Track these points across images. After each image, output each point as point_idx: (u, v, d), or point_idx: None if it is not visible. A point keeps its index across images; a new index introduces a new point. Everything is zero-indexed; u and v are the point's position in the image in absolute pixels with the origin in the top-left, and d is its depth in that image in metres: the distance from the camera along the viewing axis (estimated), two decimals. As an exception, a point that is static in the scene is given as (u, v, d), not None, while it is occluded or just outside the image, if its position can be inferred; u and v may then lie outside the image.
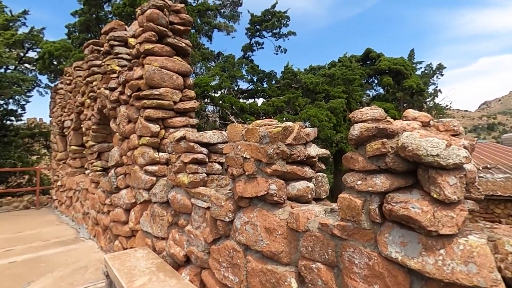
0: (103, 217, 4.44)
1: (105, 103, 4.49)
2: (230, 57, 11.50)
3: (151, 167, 3.33)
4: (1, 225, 6.06)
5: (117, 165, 4.13)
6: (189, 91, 3.71)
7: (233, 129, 2.18)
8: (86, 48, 5.36)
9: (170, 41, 3.59)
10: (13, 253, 4.34)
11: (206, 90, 8.31)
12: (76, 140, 6.42)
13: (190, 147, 2.62)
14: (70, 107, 6.52)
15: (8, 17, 12.30)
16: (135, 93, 3.56)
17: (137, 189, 3.53)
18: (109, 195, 4.30)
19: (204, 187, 2.60)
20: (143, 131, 3.40)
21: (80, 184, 5.76)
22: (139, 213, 3.51)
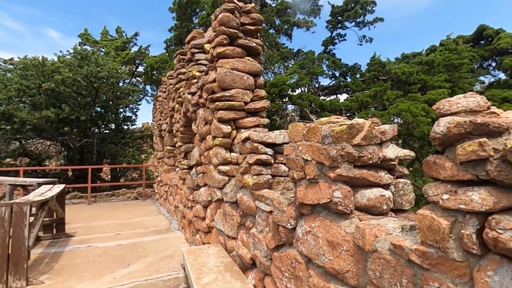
0: (188, 212, 4.85)
1: (188, 107, 4.89)
2: (310, 53, 11.14)
3: (223, 167, 3.42)
4: (116, 212, 7.33)
5: (197, 164, 4.43)
6: (260, 90, 3.67)
7: (294, 128, 2.00)
8: (175, 58, 5.97)
9: (241, 42, 3.63)
10: (121, 237, 5.16)
11: (283, 89, 8.25)
12: (170, 141, 7.25)
13: (254, 147, 2.56)
14: (165, 112, 7.41)
15: (124, 39, 15.00)
16: (210, 95, 3.73)
17: (212, 188, 3.69)
18: (192, 192, 4.66)
19: (268, 190, 2.49)
20: (216, 132, 3.53)
21: (173, 180, 6.48)
22: (214, 210, 3.67)
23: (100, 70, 9.38)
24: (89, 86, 9.62)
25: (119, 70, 10.40)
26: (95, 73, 9.22)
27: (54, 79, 8.84)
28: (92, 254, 4.27)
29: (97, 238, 5.03)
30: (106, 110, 11.11)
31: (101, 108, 11.11)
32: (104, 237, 5.10)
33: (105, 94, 10.74)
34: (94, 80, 9.41)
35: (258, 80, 3.73)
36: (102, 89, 10.13)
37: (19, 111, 9.19)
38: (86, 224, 6.01)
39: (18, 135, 9.92)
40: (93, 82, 9.48)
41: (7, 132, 9.40)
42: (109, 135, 12.42)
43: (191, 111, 4.71)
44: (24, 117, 9.02)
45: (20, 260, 3.26)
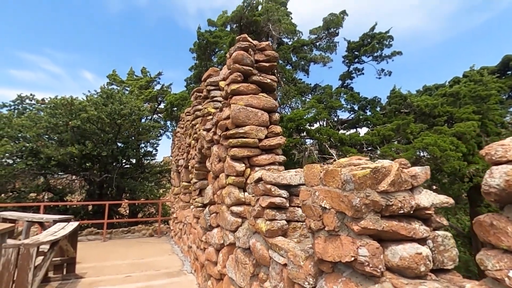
0: (201, 254, 4.56)
1: (203, 143, 4.83)
2: (327, 87, 11.14)
3: (236, 208, 3.21)
4: (130, 250, 7.11)
5: (210, 203, 4.23)
6: (275, 127, 3.54)
7: (310, 170, 1.79)
8: (192, 95, 6.08)
9: (255, 79, 3.59)
10: (131, 280, 4.89)
11: (301, 123, 8.12)
12: (186, 177, 7.16)
13: (267, 189, 2.35)
14: (183, 148, 7.43)
15: (148, 79, 15.88)
16: (223, 132, 3.64)
17: (224, 230, 3.45)
18: (205, 232, 4.41)
19: (282, 238, 2.23)
20: (229, 170, 3.37)
21: (187, 218, 6.26)
22: (226, 256, 3.39)
23: (123, 108, 9.79)
24: (112, 123, 10.00)
25: (141, 108, 10.83)
26: (118, 111, 9.62)
27: (80, 117, 9.29)
28: (98, 300, 4.02)
29: (106, 281, 4.80)
30: (127, 145, 11.41)
31: (122, 144, 11.44)
32: (113, 280, 4.85)
33: (127, 130, 11.11)
34: (117, 117, 9.80)
35: (273, 116, 3.62)
36: (124, 125, 10.49)
37: (46, 148, 9.60)
38: (97, 264, 5.81)
39: (43, 170, 10.27)
40: (116, 119, 9.86)
41: (33, 168, 9.76)
42: (129, 170, 12.62)
43: (205, 148, 4.63)
44: (50, 153, 9.38)
45: (21, 307, 3.07)
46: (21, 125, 9.52)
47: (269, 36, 10.80)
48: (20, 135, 9.92)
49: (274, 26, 10.19)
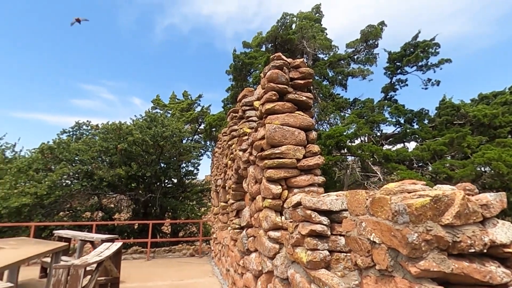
0: (238, 279, 4.40)
1: (239, 164, 4.78)
2: (368, 101, 10.62)
3: (273, 233, 3.03)
4: (171, 271, 7.17)
5: (248, 226, 4.10)
6: (312, 146, 3.36)
7: (353, 197, 1.59)
8: (228, 116, 6.14)
9: (291, 97, 3.48)
10: (170, 303, 4.86)
11: (340, 140, 7.75)
12: (224, 197, 7.14)
13: (307, 215, 2.16)
14: (220, 168, 7.48)
15: (189, 101, 16.68)
16: (259, 153, 3.54)
17: (262, 256, 3.27)
18: (243, 256, 4.26)
19: (325, 271, 2.00)
20: (265, 193, 3.24)
21: (225, 239, 6.17)
22: (265, 284, 3.18)
23: (165, 130, 10.30)
24: (155, 145, 10.54)
25: (181, 129, 11.32)
26: (161, 133, 10.14)
27: (127, 140, 9.94)
28: (139, 323, 4.01)
29: (147, 303, 4.82)
30: (169, 166, 11.89)
31: (164, 164, 11.95)
32: (154, 302, 4.86)
33: (168, 152, 11.62)
34: (160, 139, 10.31)
35: (310, 135, 3.45)
36: (166, 147, 10.99)
37: (99, 170, 10.37)
38: (140, 285, 5.92)
39: (97, 190, 11.05)
40: (159, 141, 10.38)
41: (87, 188, 10.56)
42: (171, 189, 13.07)
43: (242, 168, 4.57)
44: (102, 174, 10.11)
45: (67, 328, 3.16)
46: (77, 149, 10.45)
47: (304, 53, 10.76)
48: (77, 158, 10.88)
49: (308, 43, 10.15)
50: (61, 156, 10.38)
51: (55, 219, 10.08)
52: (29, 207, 9.39)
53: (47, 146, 10.17)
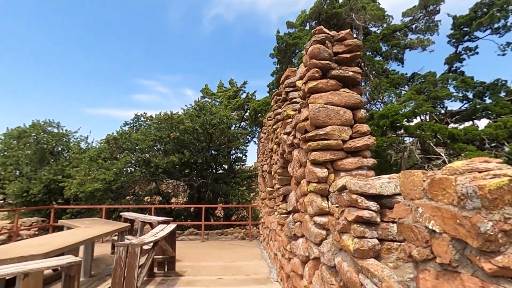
0: (286, 263, 4.36)
1: (284, 148, 4.65)
2: (429, 75, 9.41)
3: (319, 218, 2.88)
4: (223, 252, 7.49)
5: (294, 211, 4.00)
6: (360, 125, 3.07)
7: (407, 178, 1.36)
8: (272, 99, 6.00)
9: (335, 73, 3.20)
10: (222, 282, 5.06)
11: (396, 119, 7.04)
12: (270, 182, 7.12)
13: (353, 200, 1.96)
14: (266, 153, 7.44)
15: (236, 89, 16.87)
16: (302, 135, 3.37)
17: (309, 241, 3.15)
18: (290, 241, 4.19)
19: (375, 261, 1.80)
20: (310, 176, 3.07)
21: (272, 224, 6.18)
22: (312, 270, 3.07)
23: (213, 118, 10.60)
24: (205, 133, 10.94)
25: (229, 116, 11.54)
26: (209, 121, 10.46)
27: (179, 129, 10.47)
28: (193, 300, 4.25)
29: (201, 281, 5.09)
30: (219, 152, 12.28)
31: (215, 151, 12.38)
32: (207, 281, 5.11)
33: (218, 139, 11.98)
34: (209, 127, 10.66)
35: (358, 114, 3.14)
36: (215, 134, 11.33)
37: (155, 158, 11.18)
38: (195, 264, 6.28)
39: (154, 177, 11.96)
40: (208, 129, 10.73)
41: (146, 175, 11.48)
42: (222, 175, 13.54)
43: (287, 152, 4.44)
44: (157, 162, 10.88)
45: (129, 300, 3.47)
46: (137, 139, 11.37)
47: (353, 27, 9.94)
48: (137, 148, 11.86)
49: (358, 15, 9.32)
50: (124, 146, 11.42)
51: (122, 202, 11.24)
52: (101, 192, 10.59)
53: (112, 137, 11.26)
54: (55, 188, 11.54)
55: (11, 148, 13.53)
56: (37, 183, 11.61)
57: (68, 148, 13.77)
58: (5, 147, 14.02)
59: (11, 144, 13.73)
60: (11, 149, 13.39)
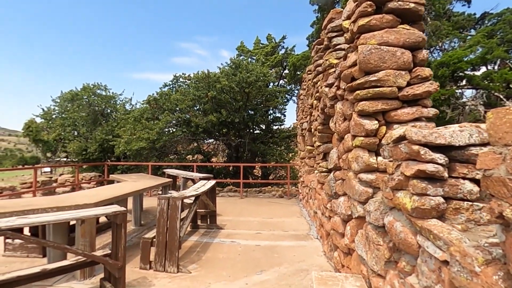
0: (326, 221, 4.24)
1: (325, 102, 4.27)
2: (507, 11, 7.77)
3: (365, 175, 2.60)
4: (261, 209, 7.64)
5: (335, 168, 3.75)
6: (421, 69, 2.59)
7: (501, 118, 1.02)
8: (313, 50, 5.47)
9: (392, 6, 2.67)
10: (260, 237, 5.17)
11: (458, 68, 6.04)
12: (310, 141, 6.84)
13: (414, 152, 1.65)
14: (305, 110, 7.06)
15: (274, 44, 16.00)
16: (348, 84, 2.97)
17: (353, 200, 2.93)
18: (330, 199, 4.02)
19: (437, 221, 1.53)
20: (356, 130, 2.74)
21: (312, 183, 6.02)
22: (355, 229, 2.89)
23: (250, 75, 10.25)
24: (241, 92, 10.71)
25: (266, 74, 11.07)
26: (245, 79, 10.15)
27: (216, 88, 10.36)
28: (233, 252, 4.40)
29: (240, 235, 5.25)
30: (256, 112, 12.08)
31: (252, 111, 12.21)
32: (246, 235, 5.26)
33: (255, 98, 11.71)
34: (245, 85, 10.38)
35: (419, 55, 2.64)
36: (252, 93, 11.06)
37: (195, 118, 11.38)
38: (234, 218, 6.50)
39: (195, 136, 12.31)
40: (244, 87, 10.47)
41: (187, 134, 11.84)
42: (260, 135, 13.49)
43: (328, 106, 4.07)
44: (197, 121, 11.07)
45: (173, 249, 3.66)
46: (176, 99, 11.57)
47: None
48: (177, 108, 12.13)
49: None
50: (164, 106, 11.74)
51: (165, 160, 11.87)
52: (146, 150, 11.24)
53: (153, 97, 11.58)
54: (108, 147, 12.51)
55: (67, 111, 14.74)
56: (93, 142, 12.67)
57: (115, 110, 14.61)
58: (62, 110, 15.33)
59: (67, 107, 14.93)
60: (68, 111, 14.60)
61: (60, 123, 14.54)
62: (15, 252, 4.17)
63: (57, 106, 15.28)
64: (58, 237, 3.49)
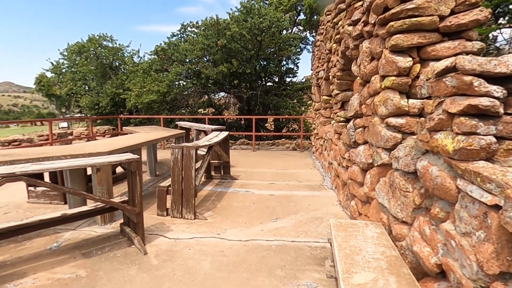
0: (342, 172, 4.13)
1: (348, 42, 3.87)
2: None
3: (395, 120, 2.37)
4: (274, 161, 7.62)
5: (356, 116, 3.51)
6: (470, -8, 2.17)
7: None
8: (335, -15, 4.84)
9: None
10: (274, 187, 5.18)
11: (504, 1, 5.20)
12: (327, 90, 6.48)
13: (464, 84, 1.40)
14: (322, 57, 6.57)
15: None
16: (380, 16, 2.59)
17: (375, 147, 2.74)
18: (348, 149, 3.85)
19: (486, 163, 1.34)
20: (387, 68, 2.44)
21: (327, 134, 5.83)
22: (375, 178, 2.75)
23: (262, 21, 9.48)
24: (253, 39, 10.03)
25: (280, 19, 10.22)
26: (258, 24, 9.41)
27: (226, 36, 9.72)
28: (248, 200, 4.43)
29: (254, 185, 5.27)
30: (269, 62, 11.47)
31: (264, 61, 11.59)
32: (260, 185, 5.27)
33: (267, 47, 11.01)
34: (257, 32, 9.67)
35: (470, -26, 2.20)
36: (264, 41, 10.36)
37: (205, 69, 10.94)
38: (248, 170, 6.51)
39: (206, 89, 11.99)
40: (256, 34, 9.77)
41: (198, 87, 11.53)
42: (272, 88, 13.02)
43: (351, 47, 3.68)
44: (207, 73, 10.66)
45: (189, 196, 3.68)
46: (185, 50, 11.04)
47: None
48: (187, 60, 11.64)
49: None
50: (173, 57, 11.27)
51: (177, 113, 11.77)
52: (157, 104, 11.10)
53: (160, 47, 11.08)
54: (119, 100, 12.42)
55: (76, 64, 14.46)
56: (104, 96, 12.58)
57: (123, 63, 14.22)
58: (71, 63, 15.05)
59: (75, 60, 14.61)
60: (77, 65, 14.32)
61: (70, 77, 14.38)
62: (39, 199, 4.32)
63: (65, 59, 14.97)
64: (76, 185, 3.53)
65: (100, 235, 3.20)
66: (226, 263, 2.63)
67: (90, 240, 3.08)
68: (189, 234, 3.24)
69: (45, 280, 2.35)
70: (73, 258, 2.70)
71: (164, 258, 2.71)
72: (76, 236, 3.16)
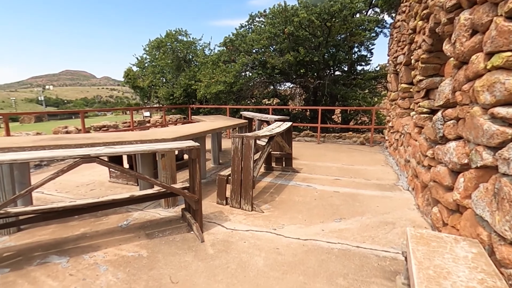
0: (423, 171, 3.52)
1: (439, 17, 3.19)
2: None
3: (504, 110, 1.81)
4: (340, 155, 7.09)
5: (446, 105, 2.89)
6: None
7: None
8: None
9: None
10: (339, 183, 4.77)
11: None
12: (407, 77, 5.66)
13: None
14: (403, 39, 5.74)
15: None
16: (489, -25, 1.99)
17: (473, 144, 2.18)
18: (432, 146, 3.24)
19: None
20: (498, 42, 1.87)
21: (405, 127, 5.10)
22: (472, 182, 2.19)
23: (333, 4, 8.79)
24: (322, 26, 9.42)
25: (353, 0, 9.34)
26: (328, 8, 8.77)
27: (294, 22, 9.35)
28: (310, 196, 4.16)
29: (317, 180, 4.95)
30: (338, 49, 10.68)
31: (333, 48, 10.84)
32: (323, 180, 4.93)
33: (337, 33, 10.24)
34: (327, 17, 9.03)
35: None
36: (334, 27, 9.64)
37: (271, 58, 10.80)
38: (311, 163, 6.18)
39: (271, 79, 11.87)
40: (326, 19, 9.14)
41: (263, 77, 11.48)
42: (341, 77, 12.17)
43: (443, 22, 3.02)
44: (273, 62, 10.49)
45: (248, 187, 3.60)
46: (252, 40, 11.05)
47: None
48: (253, 50, 11.67)
49: None
50: (240, 48, 11.41)
51: (242, 103, 11.97)
52: (224, 94, 11.45)
53: (229, 38, 11.32)
54: (191, 91, 13.24)
55: (156, 59, 15.91)
56: (178, 88, 13.57)
57: (196, 55, 15.07)
58: (152, 58, 16.63)
59: (155, 54, 16.08)
60: (156, 60, 15.75)
61: (151, 70, 15.91)
62: (117, 179, 4.81)
63: (147, 54, 16.58)
64: (145, 169, 3.77)
65: (163, 218, 3.35)
66: (281, 262, 2.45)
67: (154, 221, 3.25)
68: (245, 226, 3.16)
69: (112, 255, 2.53)
70: (138, 238, 2.86)
71: (220, 248, 2.67)
72: (143, 217, 3.38)
